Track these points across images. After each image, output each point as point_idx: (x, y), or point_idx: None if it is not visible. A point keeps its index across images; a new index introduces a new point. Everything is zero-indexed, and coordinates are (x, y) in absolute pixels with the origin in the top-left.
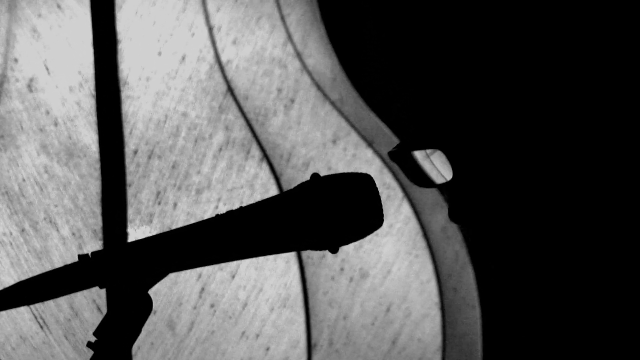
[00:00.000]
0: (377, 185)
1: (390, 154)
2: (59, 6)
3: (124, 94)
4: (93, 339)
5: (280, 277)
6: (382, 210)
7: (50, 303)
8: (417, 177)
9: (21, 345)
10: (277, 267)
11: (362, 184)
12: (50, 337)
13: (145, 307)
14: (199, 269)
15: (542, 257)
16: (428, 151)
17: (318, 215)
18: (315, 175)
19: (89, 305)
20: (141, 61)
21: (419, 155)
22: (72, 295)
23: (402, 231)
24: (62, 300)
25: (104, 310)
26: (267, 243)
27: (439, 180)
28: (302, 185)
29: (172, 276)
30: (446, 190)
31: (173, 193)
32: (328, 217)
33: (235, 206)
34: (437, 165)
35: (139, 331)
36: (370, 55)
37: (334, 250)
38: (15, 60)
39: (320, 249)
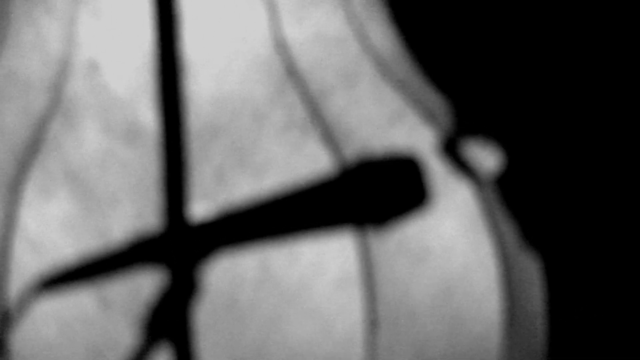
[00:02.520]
0: (437, 165)
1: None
2: None
3: (186, 74)
4: (152, 318)
5: (341, 256)
6: (429, 188)
7: (113, 283)
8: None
9: (82, 323)
10: (337, 246)
11: (410, 163)
12: (112, 315)
13: (192, 288)
14: (259, 248)
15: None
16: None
17: (364, 195)
18: (362, 155)
19: (150, 285)
20: (202, 41)
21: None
22: (135, 275)
23: (463, 209)
24: (124, 279)
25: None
26: (320, 222)
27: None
28: (351, 164)
29: (232, 256)
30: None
31: (234, 173)
32: (373, 196)
33: (296, 186)
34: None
35: (189, 311)
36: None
37: (383, 229)
38: (78, 40)
39: (371, 228)
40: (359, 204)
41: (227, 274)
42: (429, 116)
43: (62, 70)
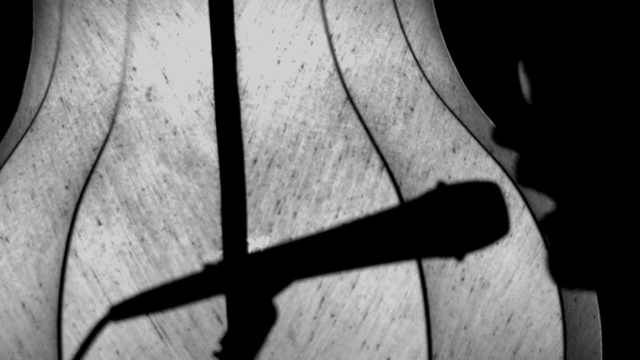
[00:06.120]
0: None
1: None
2: (177, 14)
3: (243, 102)
4: (213, 349)
5: (400, 287)
6: (509, 218)
7: (170, 313)
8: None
9: (141, 355)
10: (397, 277)
11: (490, 191)
12: (170, 347)
13: (270, 317)
14: (319, 279)
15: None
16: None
17: (445, 223)
18: (440, 183)
19: (208, 315)
20: (260, 69)
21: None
22: (192, 304)
23: (523, 240)
24: (182, 310)
25: (224, 320)
26: (392, 252)
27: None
28: (428, 192)
29: (292, 285)
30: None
31: (293, 202)
32: (456, 224)
33: (356, 215)
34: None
35: (264, 341)
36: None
37: (461, 259)
38: (134, 69)
39: (446, 257)
40: (427, 233)
41: (287, 304)
42: (488, 146)
43: (118, 98)
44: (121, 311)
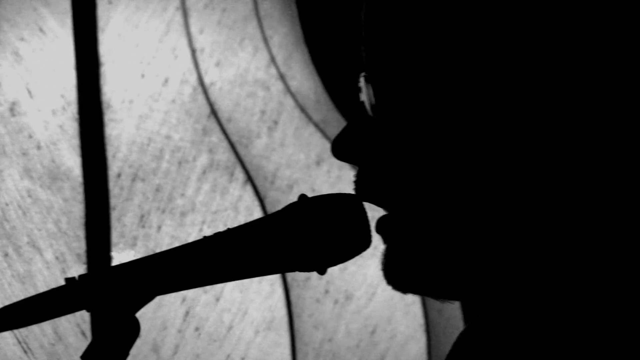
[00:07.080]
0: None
1: None
2: (41, 29)
3: (107, 117)
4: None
5: (265, 300)
6: (370, 231)
7: (34, 327)
8: None
9: None
10: (262, 290)
11: (351, 204)
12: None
13: (132, 330)
14: (183, 292)
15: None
16: None
17: (306, 236)
18: (302, 196)
19: (73, 330)
20: (124, 84)
21: None
22: (56, 319)
23: None
24: (46, 325)
25: (88, 334)
26: (254, 265)
27: None
28: (290, 206)
29: (156, 299)
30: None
31: (157, 216)
32: (316, 238)
33: (220, 229)
34: None
35: (126, 354)
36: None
37: (322, 272)
38: None
39: (308, 270)
40: (288, 246)
41: (151, 318)
42: None
43: None
44: None
